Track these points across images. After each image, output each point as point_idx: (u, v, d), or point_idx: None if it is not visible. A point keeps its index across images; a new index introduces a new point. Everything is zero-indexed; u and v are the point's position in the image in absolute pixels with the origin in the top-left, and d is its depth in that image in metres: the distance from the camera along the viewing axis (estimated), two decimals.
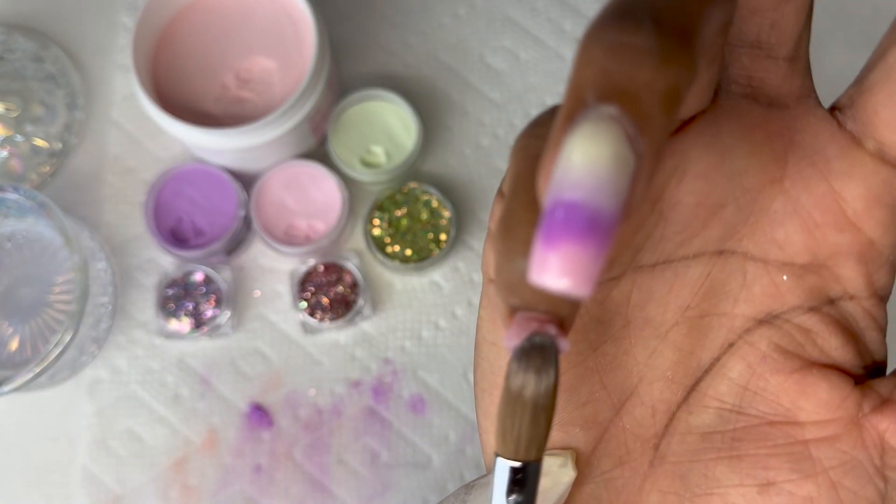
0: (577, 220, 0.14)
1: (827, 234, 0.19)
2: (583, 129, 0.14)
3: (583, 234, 0.14)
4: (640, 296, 0.20)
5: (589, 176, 0.14)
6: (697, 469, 0.20)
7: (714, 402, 0.20)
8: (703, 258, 0.20)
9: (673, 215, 0.19)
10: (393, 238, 0.53)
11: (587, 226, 0.14)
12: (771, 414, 0.20)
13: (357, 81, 0.57)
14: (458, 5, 0.58)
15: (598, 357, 0.21)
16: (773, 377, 0.20)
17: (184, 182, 0.54)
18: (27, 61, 0.57)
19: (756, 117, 0.19)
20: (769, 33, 0.18)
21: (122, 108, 0.57)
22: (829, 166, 0.19)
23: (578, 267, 0.14)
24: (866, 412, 0.19)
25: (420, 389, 0.53)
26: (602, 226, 0.14)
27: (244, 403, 0.53)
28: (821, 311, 0.20)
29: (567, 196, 0.14)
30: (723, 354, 0.20)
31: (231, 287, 0.54)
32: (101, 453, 0.53)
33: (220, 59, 0.52)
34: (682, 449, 0.20)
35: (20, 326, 0.51)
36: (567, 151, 0.14)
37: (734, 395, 0.20)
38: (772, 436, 0.20)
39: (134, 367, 0.54)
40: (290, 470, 0.52)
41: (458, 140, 0.56)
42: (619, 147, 0.14)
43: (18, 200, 0.48)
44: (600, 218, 0.14)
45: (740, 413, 0.20)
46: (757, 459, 0.20)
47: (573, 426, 0.21)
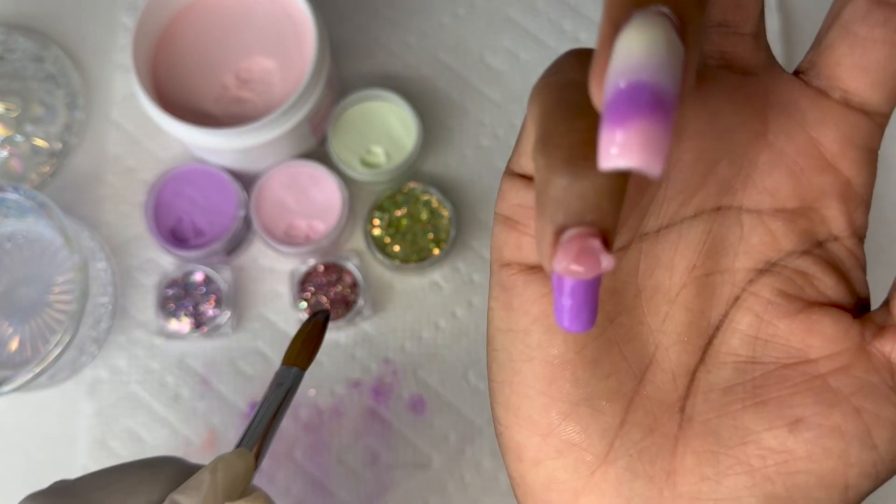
0: (644, 96, 0.15)
1: (811, 178, 0.21)
2: (637, 22, 0.16)
3: (652, 109, 0.15)
4: (648, 263, 0.21)
5: (649, 58, 0.16)
6: (726, 422, 0.21)
7: (729, 356, 0.21)
8: (703, 216, 0.21)
9: (675, 174, 0.21)
10: (393, 238, 0.53)
11: (654, 101, 0.15)
12: (784, 357, 0.21)
13: (357, 81, 0.57)
14: (458, 5, 0.58)
15: (616, 328, 0.21)
16: (780, 322, 0.21)
17: (184, 182, 0.54)
18: (27, 61, 0.57)
19: (734, 82, 0.21)
20: (734, 13, 0.21)
21: (122, 108, 0.57)
22: (804, 117, 0.21)
23: (651, 141, 0.15)
24: (870, 339, 0.20)
25: (420, 390, 0.53)
26: (667, 102, 0.15)
27: (244, 403, 0.53)
28: (813, 254, 0.21)
29: (630, 78, 0.16)
30: (730, 309, 0.22)
31: (231, 287, 0.54)
32: (101, 453, 0.53)
33: (220, 59, 0.52)
34: (708, 407, 0.21)
35: (20, 326, 0.51)
36: (622, 44, 0.16)
37: (747, 346, 0.21)
38: (790, 377, 0.21)
39: (134, 367, 0.54)
40: (290, 470, 0.52)
41: (458, 140, 0.56)
42: (672, 35, 0.16)
43: (18, 200, 0.48)
44: (664, 94, 0.15)
45: (756, 362, 0.21)
46: (781, 401, 0.20)
47: (599, 399, 0.21)
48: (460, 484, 0.52)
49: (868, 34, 0.20)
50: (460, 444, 0.53)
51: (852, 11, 0.20)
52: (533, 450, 0.22)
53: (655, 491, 0.21)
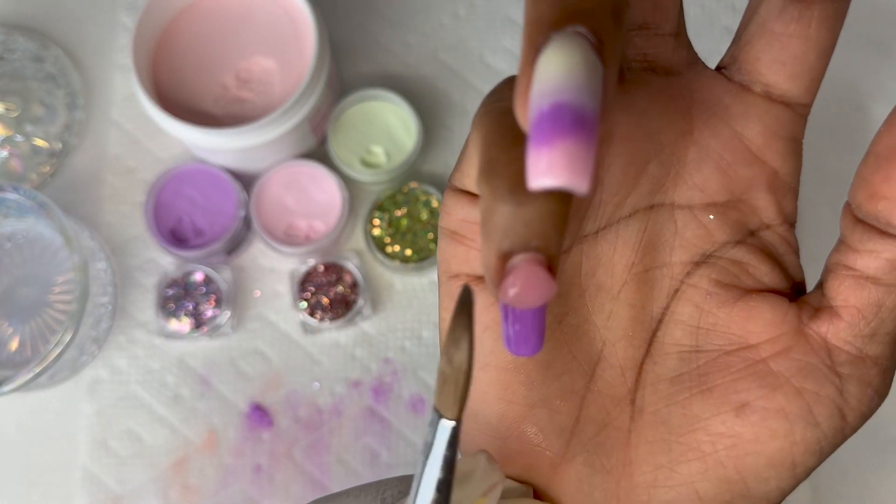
0: (566, 117, 0.16)
1: (738, 171, 0.21)
2: (554, 44, 0.16)
3: (574, 128, 0.16)
4: (589, 263, 0.22)
5: (568, 80, 0.16)
6: (675, 411, 0.21)
7: (673, 347, 0.22)
8: (638, 215, 0.22)
9: (608, 178, 0.21)
10: (393, 238, 0.53)
11: (576, 120, 0.16)
12: (726, 344, 0.22)
13: (357, 81, 0.57)
14: (458, 5, 0.58)
15: (564, 329, 0.22)
16: (719, 311, 0.22)
17: (184, 182, 0.54)
18: (27, 61, 0.57)
19: (658, 84, 0.21)
20: (653, 14, 0.21)
21: (122, 108, 0.57)
22: (728, 112, 0.21)
23: (575, 160, 0.16)
24: (806, 322, 0.21)
25: (420, 389, 0.53)
26: (588, 121, 0.16)
27: (244, 403, 0.53)
28: (746, 243, 0.22)
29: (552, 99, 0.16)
30: (671, 301, 0.22)
31: (231, 287, 0.54)
32: (101, 453, 0.53)
33: (220, 59, 0.52)
34: (657, 397, 0.22)
35: (20, 326, 0.51)
36: (543, 66, 0.16)
37: (689, 336, 0.22)
38: (733, 363, 0.21)
39: (134, 367, 0.54)
40: (290, 470, 0.52)
41: (458, 140, 0.56)
42: (589, 54, 0.16)
43: (18, 200, 0.48)
44: (585, 113, 0.16)
45: (699, 351, 0.22)
46: (726, 387, 0.21)
47: (554, 399, 0.22)
48: None
49: (783, 30, 0.20)
50: None
51: (768, 8, 0.20)
52: (495, 453, 0.22)
53: (613, 483, 0.22)
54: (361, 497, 0.28)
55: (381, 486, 0.28)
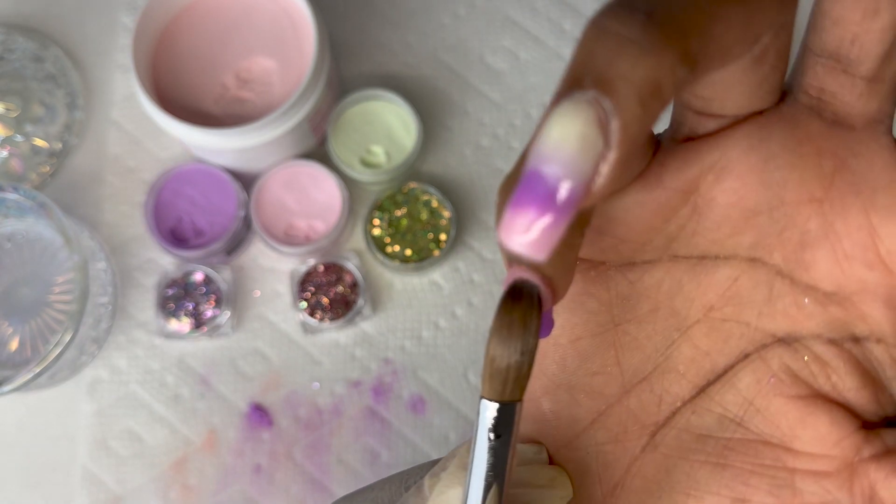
0: (540, 190, 0.15)
1: (855, 268, 0.19)
2: (560, 107, 0.16)
3: (542, 204, 0.15)
4: (671, 285, 0.21)
5: (556, 151, 0.15)
6: (682, 467, 0.21)
7: (718, 407, 0.21)
8: (734, 262, 0.20)
9: (707, 212, 0.20)
10: (393, 238, 0.53)
11: (546, 196, 0.15)
12: (768, 434, 0.20)
13: (357, 81, 0.57)
14: (458, 5, 0.58)
15: (619, 334, 0.21)
16: (776, 398, 0.20)
17: (184, 182, 0.54)
18: (27, 61, 0.57)
19: (812, 130, 0.19)
20: (849, 48, 0.18)
21: (122, 108, 0.57)
22: (873, 198, 0.18)
23: (534, 233, 0.16)
24: (864, 457, 0.19)
25: (420, 389, 0.53)
26: (560, 199, 0.15)
27: (244, 403, 0.53)
28: (842, 347, 0.20)
29: (537, 166, 0.16)
30: (737, 363, 0.21)
31: (231, 287, 0.54)
32: (101, 453, 0.53)
33: (220, 59, 0.52)
34: (676, 444, 0.21)
35: (20, 326, 0.51)
36: (546, 126, 0.16)
37: (738, 405, 0.20)
38: (762, 455, 0.20)
39: (134, 367, 0.54)
40: (290, 470, 0.52)
41: (458, 140, 0.56)
42: (588, 129, 0.15)
43: (18, 200, 0.48)
44: (558, 191, 0.15)
45: (739, 424, 0.20)
46: (740, 473, 0.20)
47: (579, 392, 0.21)
48: None
49: None
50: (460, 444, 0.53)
51: None
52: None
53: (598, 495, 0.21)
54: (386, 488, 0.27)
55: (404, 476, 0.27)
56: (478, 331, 0.54)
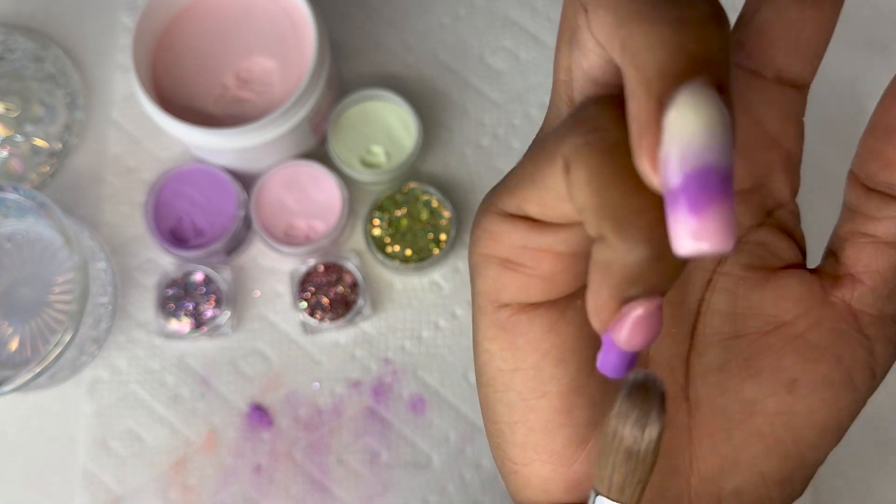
0: (713, 181, 0.16)
1: (760, 156, 0.22)
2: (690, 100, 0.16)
3: (723, 193, 0.16)
4: None
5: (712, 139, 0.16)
6: (730, 399, 0.22)
7: (715, 336, 0.22)
8: None
9: None
10: (393, 238, 0.53)
11: (722, 184, 0.16)
12: (763, 326, 0.22)
13: (357, 81, 0.57)
14: (458, 5, 0.58)
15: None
16: (752, 294, 0.22)
17: (184, 182, 0.54)
18: (27, 61, 0.57)
19: None
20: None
21: (122, 108, 0.57)
22: (744, 99, 0.21)
23: (724, 225, 0.16)
24: (829, 291, 0.22)
25: (420, 389, 0.53)
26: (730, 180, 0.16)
27: (244, 403, 0.53)
28: (766, 224, 0.22)
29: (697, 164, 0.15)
30: (706, 292, 0.22)
31: (231, 287, 0.54)
32: (101, 453, 0.53)
33: (220, 59, 0.52)
34: (709, 389, 0.22)
35: (20, 326, 0.51)
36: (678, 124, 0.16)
37: (728, 323, 0.22)
38: (774, 343, 0.22)
39: (134, 367, 0.54)
40: (290, 470, 0.52)
41: (458, 140, 0.56)
42: (723, 109, 0.16)
43: (18, 200, 0.48)
44: (728, 174, 0.16)
45: (739, 336, 0.22)
46: (773, 366, 0.22)
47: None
48: (460, 483, 0.52)
49: (799, 15, 0.20)
50: (460, 444, 0.53)
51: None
52: (561, 480, 0.22)
53: (683, 483, 0.22)
54: None
55: None
56: None
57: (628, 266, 0.17)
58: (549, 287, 0.20)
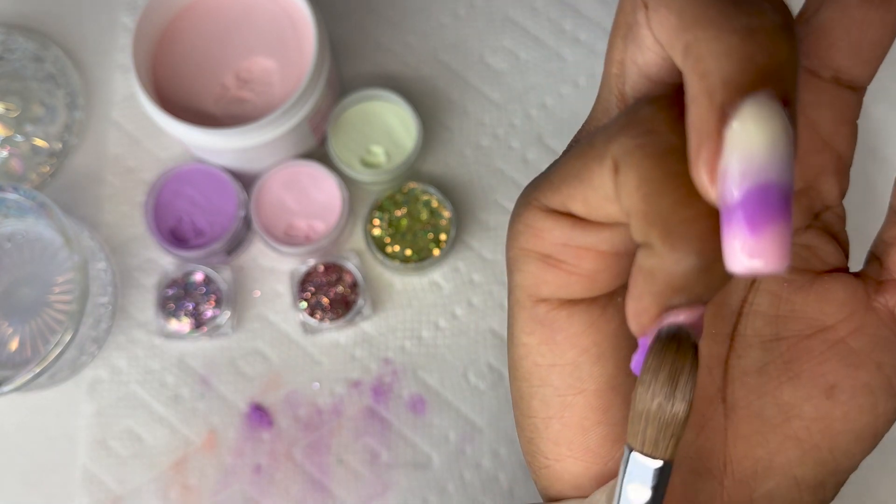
0: (774, 200, 0.15)
1: (811, 158, 0.21)
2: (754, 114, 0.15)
3: (782, 212, 0.15)
4: None
5: (774, 155, 0.15)
6: (768, 402, 0.22)
7: (755, 338, 0.22)
8: None
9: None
10: (393, 238, 0.53)
11: (784, 202, 0.15)
12: (805, 329, 0.22)
13: (357, 81, 0.57)
14: (458, 5, 0.58)
15: None
16: (795, 296, 0.22)
17: (184, 182, 0.54)
18: (27, 61, 0.57)
19: None
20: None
21: (122, 108, 0.57)
22: (800, 99, 0.21)
23: (783, 244, 0.15)
24: (872, 296, 0.21)
25: (420, 389, 0.53)
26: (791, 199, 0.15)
27: (244, 403, 0.53)
28: (813, 227, 0.22)
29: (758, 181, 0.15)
30: (748, 293, 0.22)
31: (231, 287, 0.54)
32: (101, 453, 0.53)
33: (220, 59, 0.52)
34: (746, 391, 0.22)
35: (20, 326, 0.51)
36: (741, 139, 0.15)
37: (769, 325, 0.22)
38: (814, 347, 0.21)
39: (134, 367, 0.54)
40: (290, 470, 0.52)
41: (458, 140, 0.56)
42: (787, 123, 0.15)
43: (18, 200, 0.48)
44: (789, 192, 0.15)
45: (780, 339, 0.22)
46: (812, 371, 0.21)
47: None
48: (460, 483, 0.52)
49: (864, 16, 0.20)
50: (460, 444, 0.53)
51: None
52: (594, 478, 0.22)
53: (716, 484, 0.22)
54: None
55: None
56: (478, 331, 0.54)
57: (674, 276, 0.17)
58: (589, 284, 0.20)
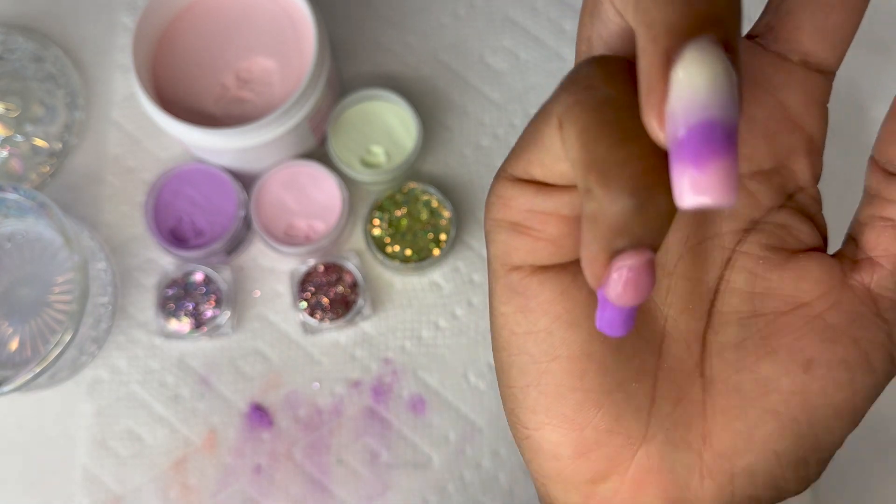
0: (717, 135, 0.16)
1: (782, 138, 0.22)
2: (696, 55, 0.16)
3: (727, 146, 0.16)
4: None
5: (716, 93, 0.16)
6: (746, 377, 0.22)
7: (733, 315, 0.22)
8: None
9: None
10: (393, 238, 0.53)
11: (726, 138, 0.16)
12: (782, 306, 0.22)
13: (357, 81, 0.57)
14: (458, 5, 0.58)
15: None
16: (771, 274, 0.22)
17: (184, 182, 0.54)
18: (27, 61, 0.57)
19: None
20: None
21: (122, 108, 0.57)
22: (770, 82, 0.22)
23: (730, 177, 0.16)
24: (849, 274, 0.22)
25: (420, 389, 0.53)
26: (734, 135, 0.16)
27: (244, 403, 0.53)
28: (787, 206, 0.23)
29: (701, 117, 0.16)
30: (725, 271, 0.23)
31: (231, 287, 0.54)
32: (101, 453, 0.53)
33: (220, 59, 0.52)
34: (725, 366, 0.22)
35: (20, 326, 0.51)
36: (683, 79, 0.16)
37: (746, 302, 0.22)
38: (792, 322, 0.22)
39: (134, 367, 0.54)
40: (290, 470, 0.52)
41: (458, 140, 0.56)
42: (728, 65, 0.16)
43: (18, 200, 0.48)
44: (732, 129, 0.16)
45: (757, 315, 0.22)
46: (790, 346, 0.22)
47: (629, 382, 0.22)
48: (460, 483, 0.52)
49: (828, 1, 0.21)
50: (460, 444, 0.53)
51: None
52: (571, 446, 0.22)
53: (695, 456, 0.22)
54: None
55: None
56: (478, 331, 0.54)
57: (613, 216, 0.17)
58: (557, 250, 0.21)
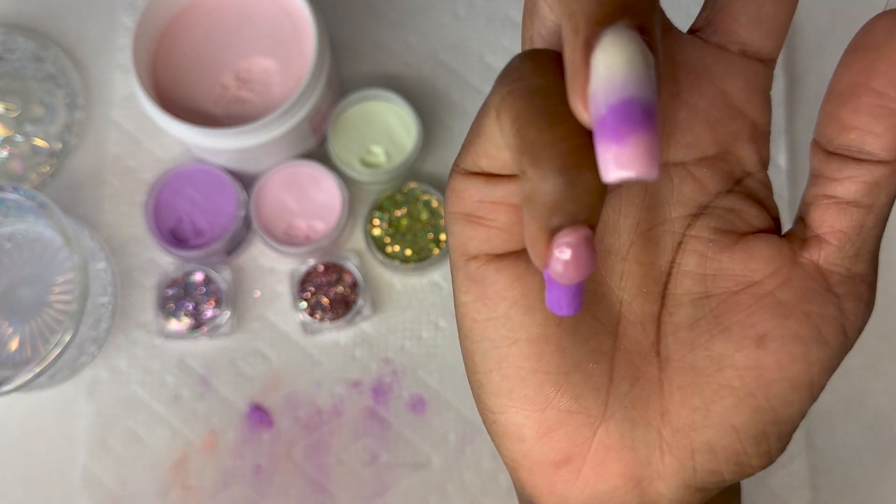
0: (634, 112, 0.17)
1: (725, 125, 0.23)
2: (612, 40, 0.18)
3: (644, 122, 0.17)
4: (598, 229, 0.23)
5: (632, 74, 0.17)
6: (700, 354, 0.23)
7: (686, 296, 0.23)
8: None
9: None
10: (393, 238, 0.53)
11: (644, 114, 0.17)
12: (733, 286, 0.23)
13: (357, 81, 0.57)
14: (458, 5, 0.58)
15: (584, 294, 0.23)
16: (721, 256, 0.23)
17: (184, 182, 0.54)
18: (27, 61, 0.57)
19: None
20: None
21: (122, 108, 0.57)
22: (710, 72, 0.23)
23: (647, 151, 0.17)
24: (798, 252, 0.23)
25: (420, 389, 0.53)
26: (652, 111, 0.17)
27: (244, 404, 0.53)
28: (734, 191, 0.24)
29: (620, 96, 0.17)
30: (676, 254, 0.24)
31: (231, 287, 0.54)
32: (101, 453, 0.53)
33: (220, 59, 0.52)
34: (680, 345, 0.23)
35: (20, 326, 0.51)
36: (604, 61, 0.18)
37: (698, 283, 0.23)
38: (743, 301, 0.23)
39: (134, 368, 0.54)
40: (289, 471, 0.52)
41: (458, 140, 0.56)
42: (643, 47, 0.18)
43: (18, 200, 0.48)
44: (650, 105, 0.17)
45: (710, 296, 0.23)
46: (742, 323, 0.23)
47: (586, 363, 0.23)
48: (460, 484, 0.52)
49: None
50: (460, 444, 0.53)
51: None
52: (533, 426, 0.23)
53: (654, 433, 0.23)
54: None
55: None
56: None
57: (546, 195, 0.18)
58: (509, 237, 0.22)
